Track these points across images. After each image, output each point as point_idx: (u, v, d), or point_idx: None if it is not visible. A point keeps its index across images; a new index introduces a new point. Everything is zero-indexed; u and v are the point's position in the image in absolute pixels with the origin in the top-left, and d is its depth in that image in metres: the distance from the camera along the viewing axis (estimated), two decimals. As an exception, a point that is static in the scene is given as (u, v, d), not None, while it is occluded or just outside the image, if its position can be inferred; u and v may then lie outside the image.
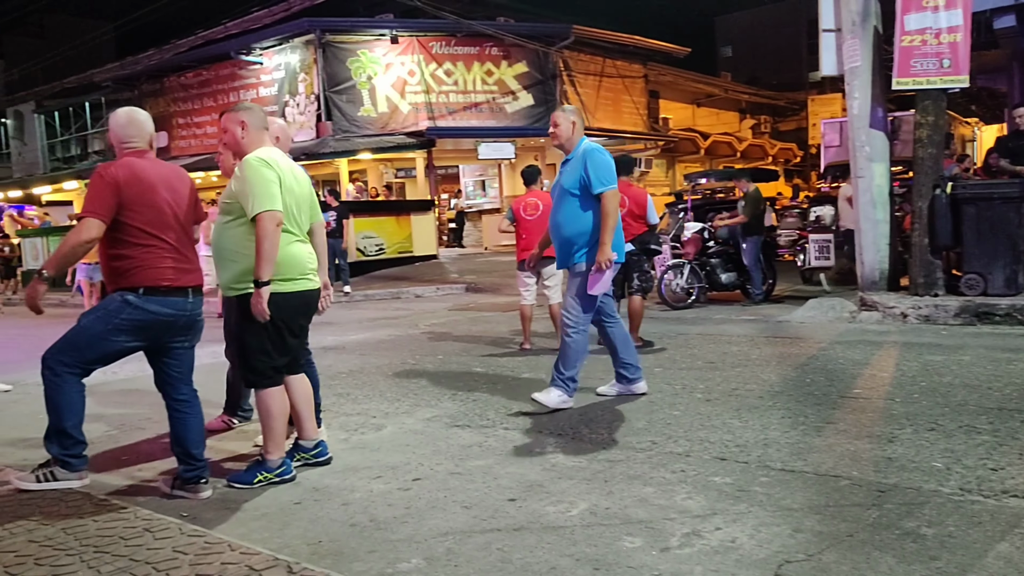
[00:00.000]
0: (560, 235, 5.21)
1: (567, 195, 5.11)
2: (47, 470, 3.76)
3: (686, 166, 28.56)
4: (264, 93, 22.17)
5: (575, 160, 5.12)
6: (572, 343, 5.13)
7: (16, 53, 39.08)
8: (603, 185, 4.99)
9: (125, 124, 3.80)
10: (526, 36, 21.66)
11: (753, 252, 10.48)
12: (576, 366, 5.17)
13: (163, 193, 3.72)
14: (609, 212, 4.98)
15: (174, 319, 3.72)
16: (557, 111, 5.29)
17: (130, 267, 3.64)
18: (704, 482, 3.68)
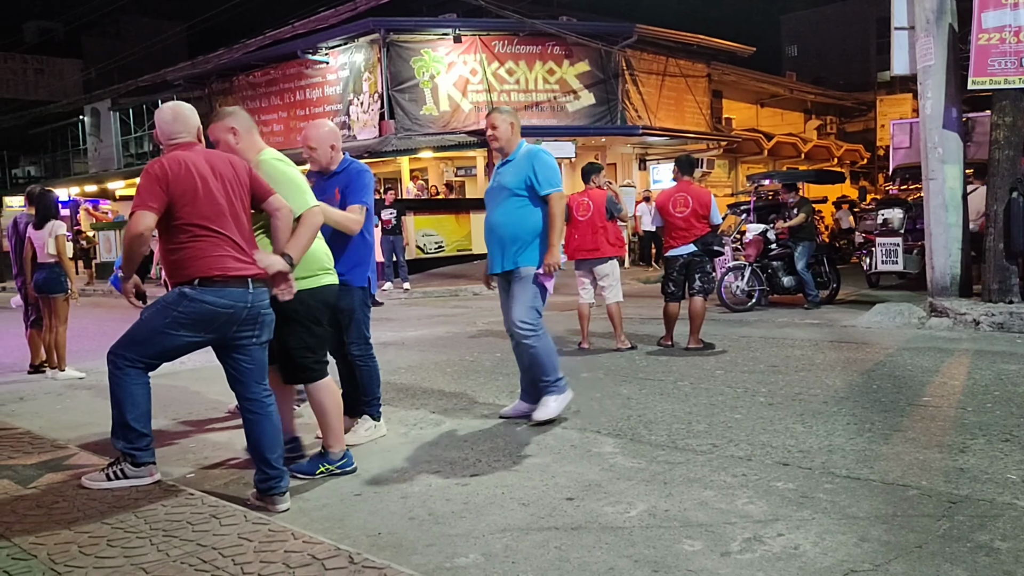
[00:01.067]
0: (499, 235, 4.95)
1: (510, 195, 4.89)
2: (117, 468, 3.75)
3: (749, 167, 28.08)
4: (329, 92, 22.51)
5: (517, 161, 4.93)
6: (539, 350, 4.88)
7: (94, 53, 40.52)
8: (552, 186, 4.84)
9: (171, 120, 3.74)
10: (589, 35, 21.57)
11: (804, 257, 10.38)
12: (555, 367, 4.94)
13: (214, 183, 3.61)
14: (556, 214, 4.83)
15: (234, 311, 3.58)
16: (494, 113, 5.06)
17: (185, 259, 3.57)
18: (766, 487, 3.62)
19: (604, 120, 21.89)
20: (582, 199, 7.70)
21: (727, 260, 10.81)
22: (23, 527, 3.19)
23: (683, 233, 7.48)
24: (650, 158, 24.63)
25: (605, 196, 7.65)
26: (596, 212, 7.55)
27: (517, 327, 4.86)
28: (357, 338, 4.64)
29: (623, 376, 6.36)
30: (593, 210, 7.56)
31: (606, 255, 7.62)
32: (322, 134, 4.58)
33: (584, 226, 7.59)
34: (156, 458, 3.80)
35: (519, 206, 4.86)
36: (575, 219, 7.64)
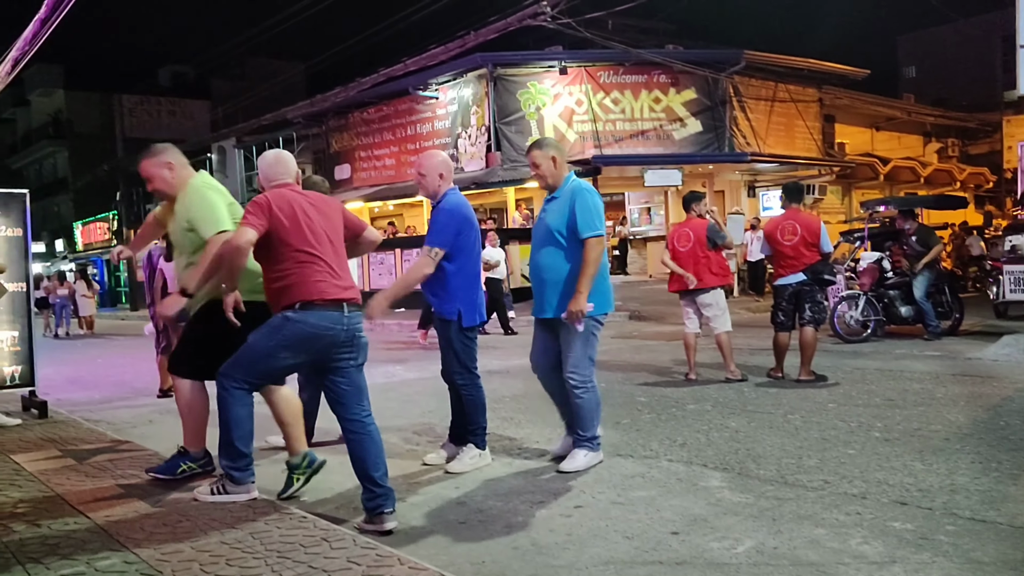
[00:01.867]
0: (542, 279, 4.69)
1: (553, 236, 4.62)
2: (219, 483, 4.01)
3: (863, 193, 27.05)
4: (438, 126, 23.11)
5: (562, 198, 4.64)
6: (584, 403, 4.62)
7: (221, 94, 42.94)
8: (590, 230, 4.49)
9: (273, 163, 4.10)
10: (695, 63, 21.41)
11: (924, 286, 9.91)
12: (595, 424, 4.67)
13: (312, 213, 3.90)
14: (590, 260, 4.47)
15: (333, 333, 3.78)
16: (533, 150, 4.77)
17: (287, 284, 3.80)
18: (882, 527, 3.47)
19: (711, 147, 21.62)
20: (683, 230, 7.62)
21: (840, 289, 10.46)
22: (150, 544, 3.38)
23: (792, 262, 7.30)
24: (759, 185, 24.12)
25: (706, 225, 7.55)
26: (697, 242, 7.46)
27: (569, 378, 4.61)
28: (458, 368, 4.70)
29: (731, 408, 6.23)
30: (694, 240, 7.47)
31: (708, 285, 7.50)
32: (433, 163, 4.72)
33: (685, 257, 7.51)
34: (272, 480, 3.98)
35: (562, 250, 4.60)
36: (676, 250, 7.56)
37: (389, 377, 8.74)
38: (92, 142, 42.21)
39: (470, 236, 4.67)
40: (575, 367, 4.59)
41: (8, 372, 6.69)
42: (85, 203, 40.89)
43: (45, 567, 3.14)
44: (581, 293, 4.45)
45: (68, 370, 11.28)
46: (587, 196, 4.58)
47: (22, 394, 6.95)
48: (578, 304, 4.44)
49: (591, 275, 4.48)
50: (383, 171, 25.04)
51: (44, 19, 13.28)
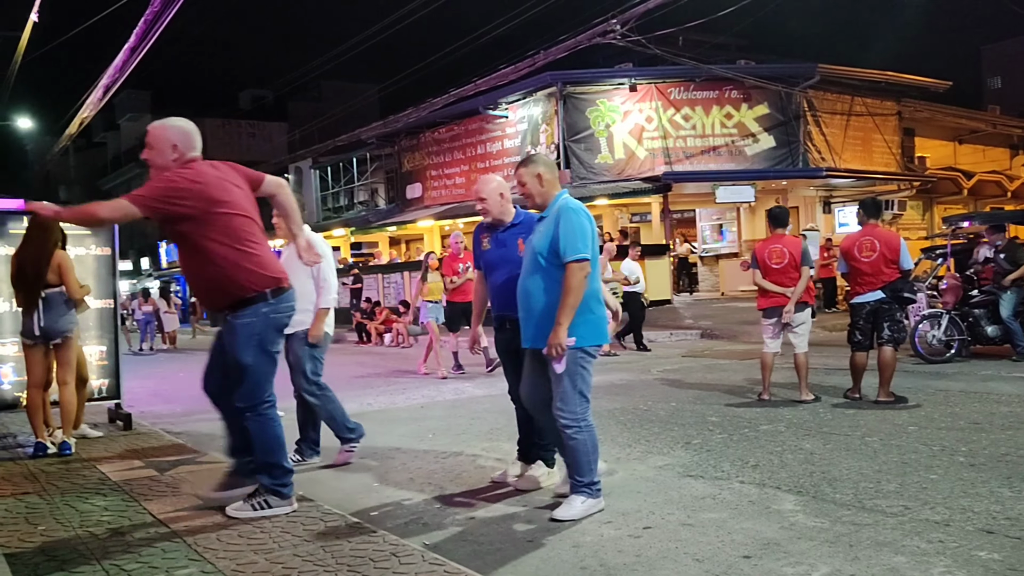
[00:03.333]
0: (530, 306, 4.27)
1: (539, 259, 4.23)
2: (260, 499, 4.07)
3: (946, 208, 26.18)
4: (508, 145, 23.30)
5: (550, 218, 4.28)
6: (578, 444, 4.13)
7: (298, 116, 44.14)
8: (573, 253, 4.07)
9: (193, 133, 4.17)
10: (768, 77, 21.11)
11: (1011, 305, 9.49)
12: (592, 468, 4.18)
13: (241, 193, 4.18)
14: (571, 287, 4.04)
15: None
16: (519, 167, 4.47)
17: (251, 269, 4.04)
18: (967, 556, 3.33)
19: (785, 163, 21.25)
20: (775, 246, 7.38)
21: (921, 307, 10.11)
22: (227, 555, 3.47)
23: (870, 279, 7.10)
24: (835, 201, 23.57)
25: (801, 244, 7.37)
26: (791, 260, 7.26)
27: (558, 417, 4.16)
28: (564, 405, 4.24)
29: (806, 430, 6.07)
30: (788, 257, 7.27)
31: (800, 302, 7.32)
32: (491, 187, 4.77)
33: (777, 274, 7.32)
34: (343, 495, 4.07)
35: (549, 274, 4.18)
36: (769, 267, 7.36)
37: (458, 394, 8.80)
38: (175, 164, 43.79)
39: None
40: (563, 404, 4.15)
41: (96, 385, 6.96)
42: (169, 223, 42.37)
43: (127, 573, 3.25)
44: (560, 325, 4.03)
45: (152, 384, 11.69)
46: (573, 216, 4.19)
47: (109, 406, 7.24)
48: (557, 337, 4.03)
49: (572, 304, 4.07)
50: (453, 190, 25.34)
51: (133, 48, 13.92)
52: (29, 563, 3.41)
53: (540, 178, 4.37)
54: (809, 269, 7.29)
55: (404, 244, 31.60)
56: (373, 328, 18.00)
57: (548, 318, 4.11)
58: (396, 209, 28.23)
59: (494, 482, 4.85)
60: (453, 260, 11.03)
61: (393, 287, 22.06)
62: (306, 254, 4.52)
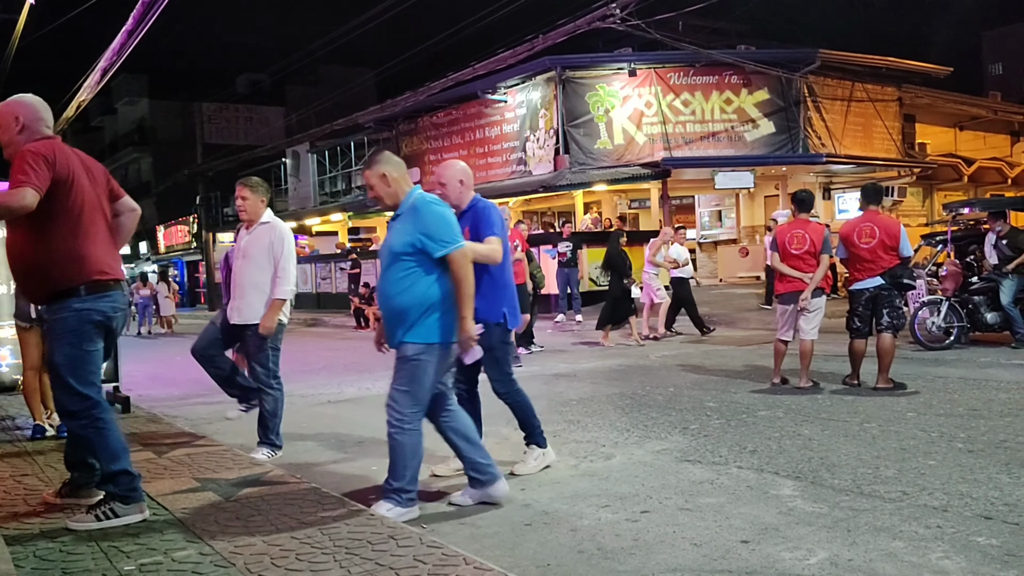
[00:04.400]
0: (389, 306, 4.13)
1: (397, 258, 4.08)
2: (105, 508, 3.72)
3: (946, 195, 26.13)
4: (507, 129, 23.20)
5: (404, 216, 4.12)
6: (398, 445, 4.00)
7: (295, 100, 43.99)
8: (446, 246, 3.98)
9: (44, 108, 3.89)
10: (768, 63, 20.99)
11: (1011, 292, 9.48)
12: (406, 474, 4.01)
13: None
14: (462, 277, 3.97)
15: None
16: (368, 169, 4.22)
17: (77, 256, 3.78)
18: (965, 541, 3.33)
19: (785, 148, 21.17)
20: (796, 231, 7.32)
21: (920, 294, 10.11)
22: (224, 536, 3.46)
23: (869, 265, 7.08)
24: (835, 187, 23.52)
25: (822, 231, 7.32)
26: (812, 246, 7.21)
27: (388, 410, 4.06)
28: (499, 376, 4.68)
29: (804, 416, 6.07)
30: (809, 243, 7.21)
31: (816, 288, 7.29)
32: (452, 172, 4.71)
33: (796, 259, 7.26)
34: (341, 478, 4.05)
35: (407, 272, 4.05)
36: (788, 252, 7.29)
37: (457, 379, 8.79)
38: (174, 148, 43.66)
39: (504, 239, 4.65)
40: (393, 400, 4.03)
41: (93, 368, 6.93)
42: (167, 207, 42.33)
43: (126, 555, 3.25)
44: (465, 318, 4.00)
45: (149, 367, 11.70)
46: (434, 208, 4.10)
47: (107, 390, 7.22)
48: (465, 330, 4.00)
49: (468, 294, 4.00)
50: (452, 175, 25.23)
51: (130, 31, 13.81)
52: (28, 545, 3.40)
53: (385, 178, 4.15)
54: (828, 257, 7.26)
55: (402, 229, 31.54)
56: (371, 313, 17.98)
57: (407, 318, 4.00)
58: (394, 194, 28.13)
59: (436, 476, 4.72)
60: None
61: (391, 272, 22.03)
62: None
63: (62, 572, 3.10)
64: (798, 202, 7.59)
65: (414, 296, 4.01)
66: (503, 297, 4.65)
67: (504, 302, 4.64)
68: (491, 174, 23.57)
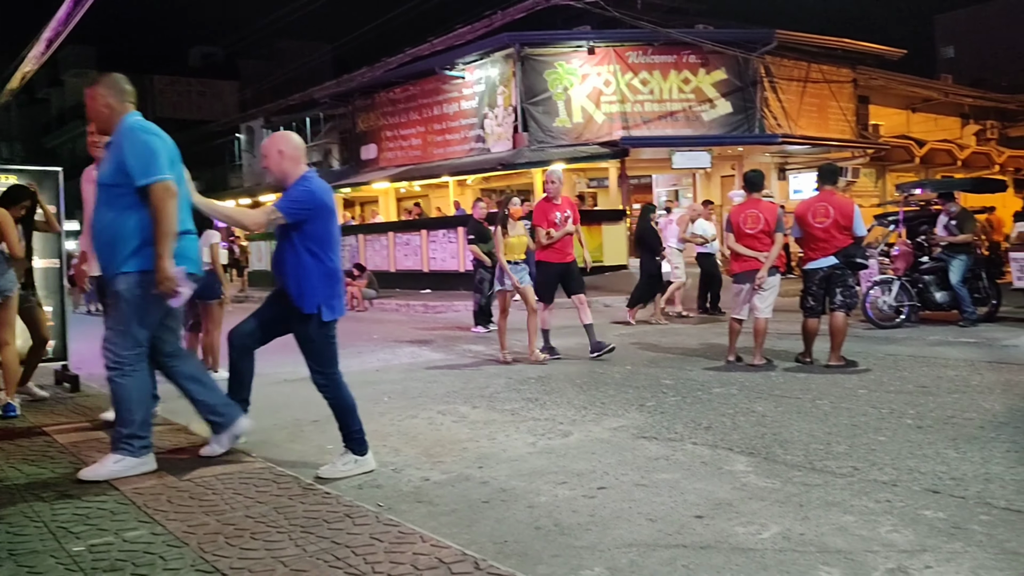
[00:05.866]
0: (99, 240, 3.98)
1: (104, 189, 3.90)
2: None
3: (898, 176, 26.62)
4: (465, 106, 23.03)
5: (114, 143, 3.94)
6: (121, 389, 3.90)
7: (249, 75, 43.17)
8: (147, 175, 3.77)
9: None
10: (726, 42, 21.09)
11: (960, 271, 9.71)
12: (135, 419, 3.92)
13: None
14: (162, 214, 3.76)
15: None
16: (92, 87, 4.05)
17: None
18: (913, 515, 3.41)
19: (741, 129, 21.34)
20: (749, 211, 7.39)
21: (873, 273, 10.29)
22: (177, 516, 3.40)
23: (823, 245, 7.18)
24: (790, 167, 23.81)
25: (776, 210, 7.39)
26: (766, 225, 7.28)
27: (103, 353, 3.96)
28: (318, 367, 4.29)
29: (758, 392, 6.16)
30: (763, 222, 7.28)
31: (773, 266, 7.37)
32: (272, 142, 4.34)
33: (751, 239, 7.33)
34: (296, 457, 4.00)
35: (114, 204, 3.90)
36: (743, 232, 7.36)
37: (415, 357, 8.76)
38: (122, 122, 42.63)
39: (329, 225, 4.25)
40: (109, 341, 3.92)
41: (42, 346, 6.76)
42: (115, 182, 41.40)
43: (75, 536, 3.18)
44: (163, 256, 3.78)
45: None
46: (139, 135, 3.90)
47: (55, 368, 7.05)
48: (162, 270, 3.77)
49: (167, 232, 3.78)
50: (409, 151, 25.04)
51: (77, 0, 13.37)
52: (-30, 528, 3.31)
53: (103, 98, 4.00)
54: (782, 236, 7.35)
55: (359, 206, 31.23)
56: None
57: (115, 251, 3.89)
58: (350, 170, 27.82)
59: None
60: (548, 206, 8.49)
61: (348, 250, 21.82)
62: None
63: (9, 554, 3.02)
64: (748, 182, 7.66)
65: (124, 228, 3.87)
66: (321, 287, 4.17)
67: (321, 293, 4.16)
68: (449, 151, 23.41)
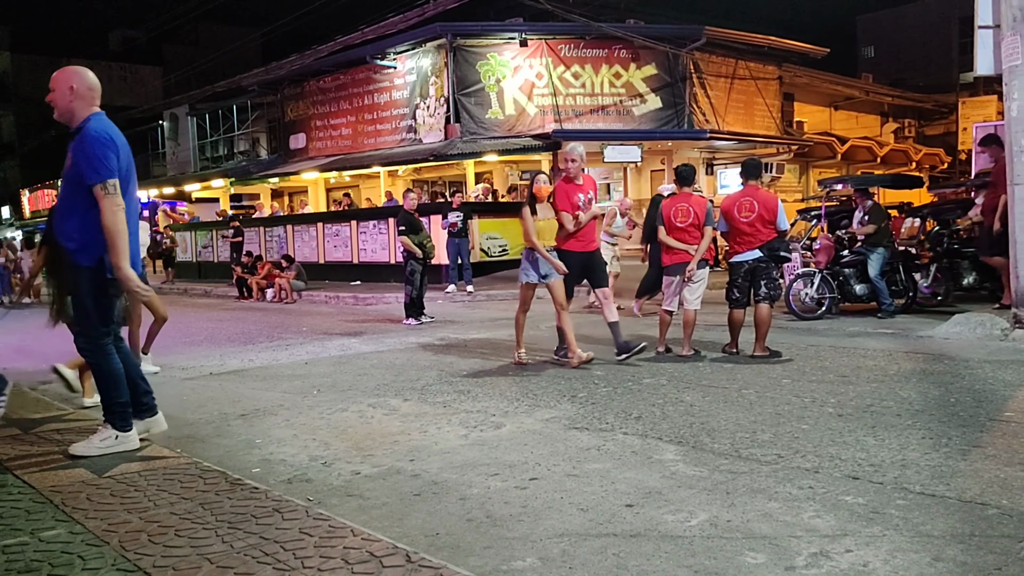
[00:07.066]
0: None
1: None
2: None
3: (821, 171, 27.46)
4: (396, 96, 22.82)
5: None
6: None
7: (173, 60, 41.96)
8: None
9: None
10: (656, 38, 21.39)
11: (878, 265, 10.06)
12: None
13: None
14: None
15: None
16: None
17: None
18: (834, 501, 3.51)
19: (671, 124, 21.69)
20: (681, 204, 7.50)
21: (795, 266, 10.57)
22: (97, 514, 3.29)
23: (749, 238, 7.34)
24: (718, 162, 24.30)
25: (705, 204, 7.51)
26: (696, 218, 7.38)
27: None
28: (82, 329, 4.19)
29: (686, 383, 6.27)
30: (693, 216, 7.38)
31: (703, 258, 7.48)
32: (64, 75, 4.14)
33: (681, 232, 7.42)
34: (224, 452, 3.92)
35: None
36: (673, 225, 7.45)
37: (345, 350, 8.64)
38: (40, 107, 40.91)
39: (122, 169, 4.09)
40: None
41: (-53, 341, 6.46)
42: (32, 169, 39.77)
43: (-17, 541, 3.04)
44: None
45: (14, 339, 10.97)
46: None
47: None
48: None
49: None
50: (339, 141, 24.70)
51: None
52: None
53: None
54: (711, 229, 7.48)
55: (287, 196, 30.68)
56: (254, 283, 17.46)
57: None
58: (279, 160, 27.32)
59: None
60: (571, 187, 7.34)
61: (276, 240, 21.42)
62: None
63: (-89, 559, 2.87)
64: (679, 177, 7.78)
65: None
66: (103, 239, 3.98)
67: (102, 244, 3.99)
68: (380, 141, 23.18)
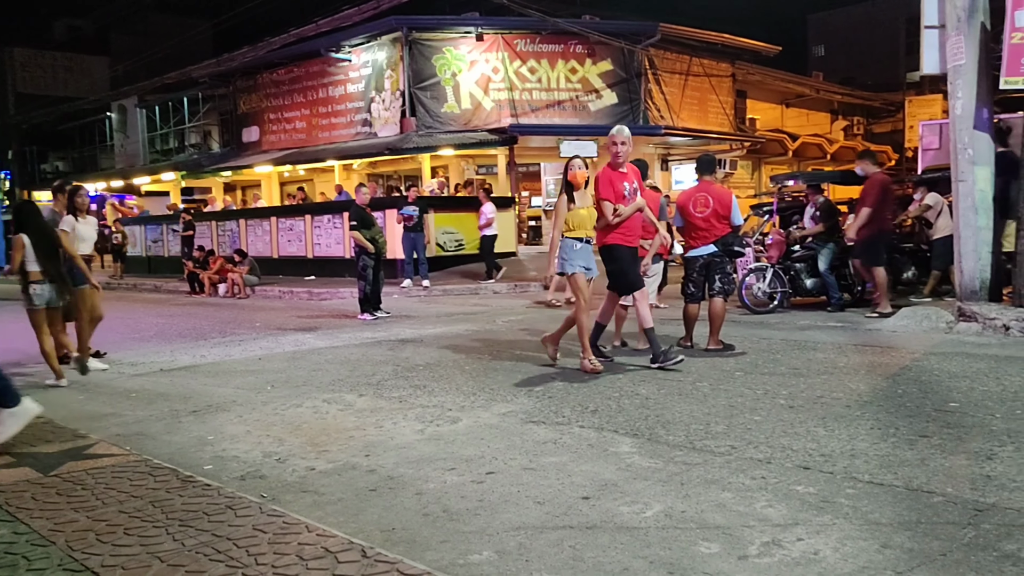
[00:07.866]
0: None
1: None
2: None
3: (773, 168, 27.87)
4: (351, 89, 22.59)
5: None
6: None
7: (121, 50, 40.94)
8: None
9: None
10: (612, 34, 21.48)
11: (828, 260, 10.25)
12: None
13: None
14: None
15: None
16: None
17: None
18: (786, 490, 3.56)
19: (626, 119, 21.78)
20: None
21: (748, 261, 10.71)
22: (43, 514, 3.20)
23: (703, 233, 7.41)
24: (672, 158, 24.52)
25: (659, 199, 7.55)
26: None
27: None
28: None
29: (642, 376, 6.31)
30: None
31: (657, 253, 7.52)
32: None
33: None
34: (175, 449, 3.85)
35: None
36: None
37: (299, 345, 8.54)
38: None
39: None
40: None
41: None
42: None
43: (-80, 544, 2.94)
44: None
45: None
46: None
47: (-101, 361, 6.50)
48: None
49: None
50: (293, 134, 24.39)
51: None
52: None
53: None
54: (665, 223, 7.53)
55: (240, 190, 30.21)
56: (206, 278, 17.16)
57: None
58: (231, 153, 26.87)
59: None
60: (615, 175, 6.66)
61: (228, 235, 21.08)
62: None
63: None
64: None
65: None
66: None
67: None
68: (334, 135, 22.94)
